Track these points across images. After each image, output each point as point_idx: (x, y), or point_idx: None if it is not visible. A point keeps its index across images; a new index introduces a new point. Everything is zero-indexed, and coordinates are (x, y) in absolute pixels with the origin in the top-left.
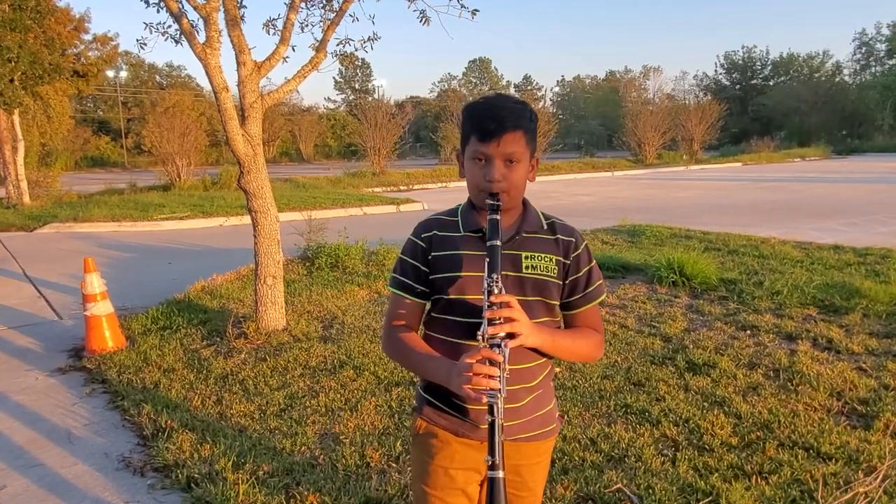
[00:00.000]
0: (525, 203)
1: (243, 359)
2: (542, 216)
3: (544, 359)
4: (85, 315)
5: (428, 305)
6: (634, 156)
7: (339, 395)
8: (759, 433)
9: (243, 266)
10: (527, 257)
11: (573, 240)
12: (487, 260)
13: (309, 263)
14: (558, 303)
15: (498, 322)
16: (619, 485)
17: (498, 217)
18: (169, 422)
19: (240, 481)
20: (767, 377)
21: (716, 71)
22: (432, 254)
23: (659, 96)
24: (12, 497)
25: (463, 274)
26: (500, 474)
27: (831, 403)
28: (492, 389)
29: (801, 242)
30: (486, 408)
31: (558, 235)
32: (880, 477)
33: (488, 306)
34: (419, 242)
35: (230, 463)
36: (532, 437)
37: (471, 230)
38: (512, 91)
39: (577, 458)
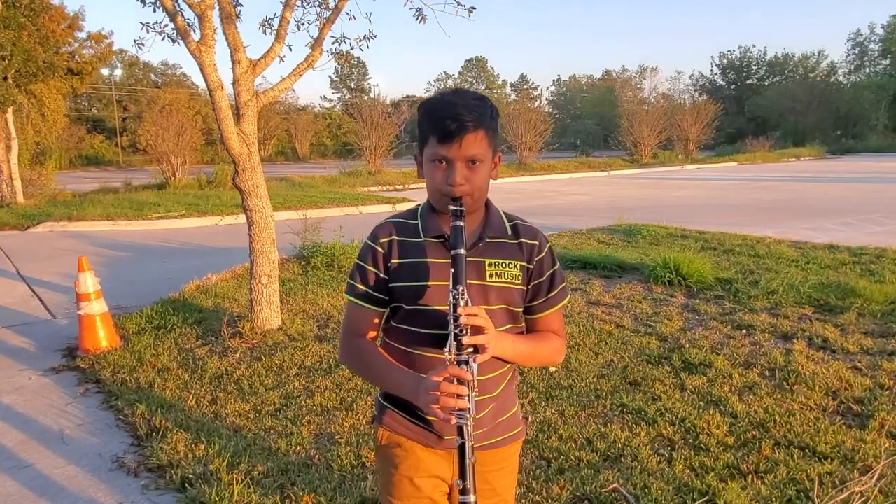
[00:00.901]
0: (488, 204)
1: (238, 358)
2: (504, 218)
3: (507, 366)
4: (79, 314)
5: (387, 313)
6: (630, 155)
7: (334, 395)
8: (755, 432)
9: (238, 265)
10: (490, 265)
11: (537, 243)
12: (452, 270)
13: (304, 262)
14: (521, 309)
15: (466, 335)
16: (616, 484)
17: (462, 224)
18: (163, 422)
19: (234, 482)
20: (763, 376)
21: (711, 71)
22: (392, 261)
23: (655, 96)
24: (4, 498)
25: (424, 283)
26: (472, 499)
27: (827, 403)
28: (461, 410)
29: (797, 242)
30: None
31: (522, 239)
32: (876, 476)
33: (454, 320)
34: (377, 248)
35: (225, 463)
36: (495, 443)
37: (432, 235)
38: (508, 90)
39: (573, 458)
